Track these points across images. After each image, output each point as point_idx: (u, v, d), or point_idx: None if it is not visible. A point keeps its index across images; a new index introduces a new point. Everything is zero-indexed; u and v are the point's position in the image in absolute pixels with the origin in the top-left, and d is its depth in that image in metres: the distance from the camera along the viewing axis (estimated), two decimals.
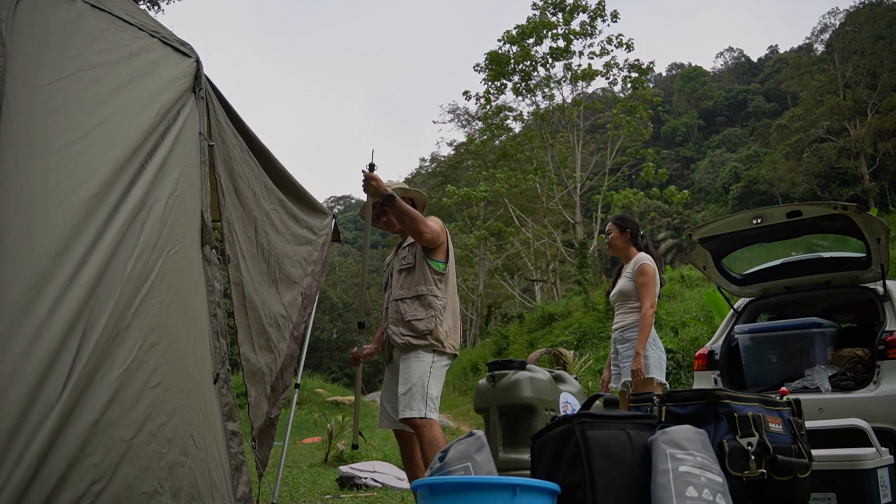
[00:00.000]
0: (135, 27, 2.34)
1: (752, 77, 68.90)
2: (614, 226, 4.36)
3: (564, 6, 20.56)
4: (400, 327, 3.29)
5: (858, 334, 4.63)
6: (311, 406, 15.56)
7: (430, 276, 3.36)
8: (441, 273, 3.40)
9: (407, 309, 3.31)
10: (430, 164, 37.25)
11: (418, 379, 3.18)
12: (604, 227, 23.20)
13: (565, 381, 4.21)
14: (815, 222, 4.34)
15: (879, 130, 32.48)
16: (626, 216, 4.47)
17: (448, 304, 3.38)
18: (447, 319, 3.34)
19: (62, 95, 1.99)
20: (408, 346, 3.25)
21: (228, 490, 2.35)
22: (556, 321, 17.58)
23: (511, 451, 3.81)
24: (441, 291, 3.36)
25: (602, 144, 24.21)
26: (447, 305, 3.37)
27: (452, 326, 3.38)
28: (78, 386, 1.76)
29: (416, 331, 3.25)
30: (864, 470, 2.77)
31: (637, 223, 4.40)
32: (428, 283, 3.35)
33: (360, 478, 5.75)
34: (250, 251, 3.27)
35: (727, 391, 2.39)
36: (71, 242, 1.85)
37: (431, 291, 3.33)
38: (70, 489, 1.70)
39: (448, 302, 3.38)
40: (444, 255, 3.43)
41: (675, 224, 41.58)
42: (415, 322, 3.26)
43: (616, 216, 4.52)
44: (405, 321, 3.28)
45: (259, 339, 3.35)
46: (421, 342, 3.24)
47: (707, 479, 2.03)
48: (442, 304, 3.33)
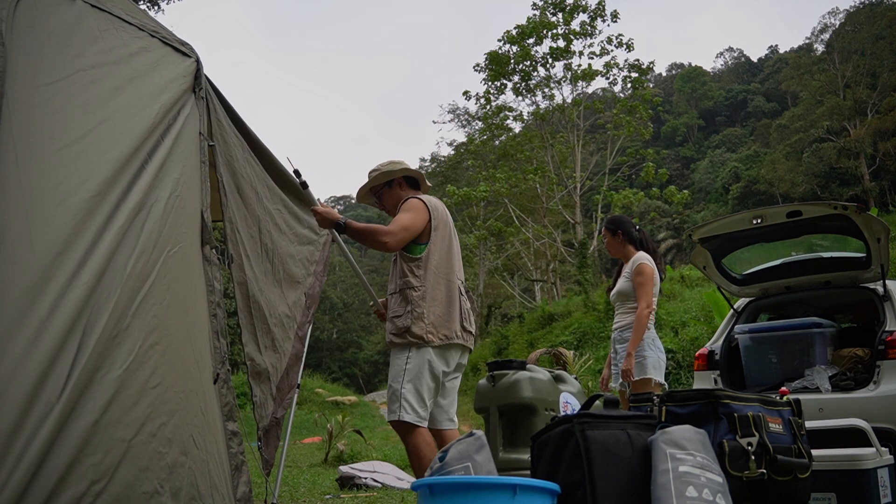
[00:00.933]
0: (135, 27, 2.34)
1: (752, 77, 68.89)
2: (606, 230, 4.40)
3: (564, 6, 20.56)
4: (388, 324, 3.16)
5: (858, 334, 4.64)
6: (311, 406, 15.57)
7: (405, 266, 3.13)
8: (416, 258, 3.13)
9: (392, 305, 3.17)
10: (430, 164, 37.20)
11: (393, 379, 3.05)
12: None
13: (565, 381, 4.21)
14: (815, 222, 4.34)
15: (879, 130, 32.49)
16: (617, 217, 4.48)
17: (428, 291, 3.08)
18: (430, 309, 3.06)
19: (62, 95, 1.99)
20: (392, 345, 3.11)
21: (228, 490, 2.35)
22: (556, 321, 17.59)
23: (511, 451, 3.82)
24: (418, 279, 3.09)
25: (602, 144, 24.21)
26: (427, 294, 3.07)
27: (442, 314, 3.08)
28: (78, 386, 1.76)
29: (396, 328, 3.07)
30: (864, 470, 2.77)
31: (629, 220, 4.41)
32: (404, 273, 3.13)
33: (360, 478, 5.75)
34: (254, 251, 3.26)
35: (727, 391, 2.39)
36: (71, 242, 1.85)
37: (408, 283, 3.10)
38: (70, 489, 1.70)
39: (428, 290, 3.09)
40: (427, 236, 3.16)
41: (675, 224, 41.58)
42: (395, 319, 3.10)
43: (607, 219, 4.53)
44: (391, 318, 3.14)
45: (264, 339, 3.34)
46: (399, 340, 3.06)
47: (707, 479, 2.03)
48: (419, 295, 3.06)
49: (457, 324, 3.13)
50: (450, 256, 3.23)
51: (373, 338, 41.76)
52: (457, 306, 3.16)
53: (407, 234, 3.09)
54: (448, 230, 3.27)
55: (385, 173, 3.36)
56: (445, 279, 3.16)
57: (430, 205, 3.21)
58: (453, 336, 3.09)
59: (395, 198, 3.36)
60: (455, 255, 3.28)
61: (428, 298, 3.08)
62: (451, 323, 3.11)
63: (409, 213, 3.14)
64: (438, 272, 3.14)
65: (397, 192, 3.37)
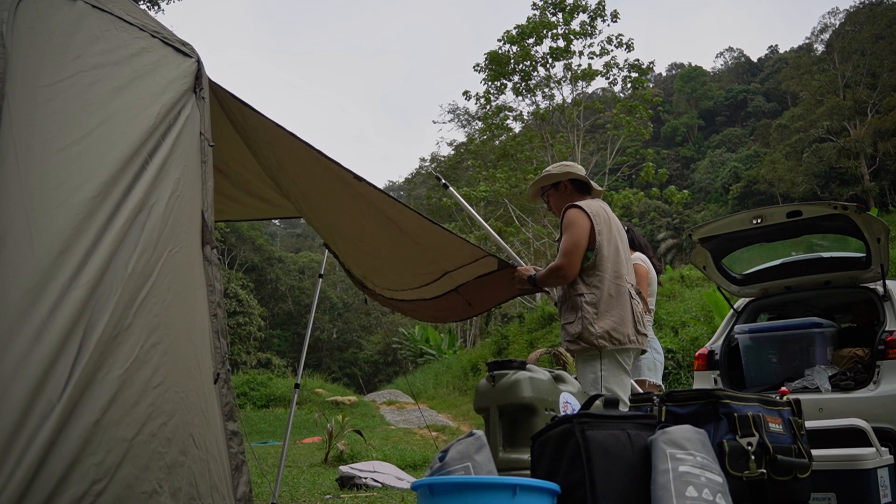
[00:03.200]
0: (136, 27, 2.34)
1: (752, 77, 68.87)
2: None
3: (564, 6, 20.56)
4: (562, 332, 3.18)
5: (858, 334, 4.64)
6: (311, 406, 15.56)
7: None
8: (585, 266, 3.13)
9: (563, 312, 3.19)
10: (430, 164, 37.23)
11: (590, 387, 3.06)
12: None
13: (565, 381, 4.21)
14: (815, 222, 4.35)
15: (879, 130, 32.48)
16: None
17: (598, 297, 3.06)
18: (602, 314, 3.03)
19: (63, 96, 1.99)
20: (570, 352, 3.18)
21: (228, 490, 2.35)
22: (556, 321, 17.57)
23: (511, 451, 3.81)
24: (587, 286, 3.09)
25: (602, 144, 24.20)
26: (597, 300, 3.05)
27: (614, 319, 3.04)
28: (79, 385, 1.76)
29: (570, 335, 3.09)
30: (864, 470, 2.77)
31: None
32: (574, 281, 3.14)
33: (360, 478, 5.75)
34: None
35: (727, 391, 2.39)
36: (72, 243, 1.86)
37: (577, 290, 3.11)
38: (71, 489, 1.70)
39: (599, 295, 3.06)
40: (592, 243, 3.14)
41: (675, 224, 41.56)
42: (567, 326, 3.12)
43: None
44: (563, 325, 3.16)
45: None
46: (575, 346, 3.07)
47: (707, 478, 2.03)
48: (589, 301, 3.05)
49: (630, 327, 3.09)
50: (618, 260, 3.18)
51: (373, 338, 41.75)
52: (629, 309, 3.11)
53: (575, 257, 3.12)
54: (613, 233, 3.22)
55: (548, 176, 3.41)
56: (615, 283, 3.12)
57: (589, 211, 3.18)
58: (626, 340, 3.06)
59: (560, 201, 3.40)
60: (623, 258, 3.23)
61: (599, 304, 3.06)
62: (625, 327, 3.07)
63: (568, 232, 3.15)
64: (608, 277, 3.11)
65: (564, 195, 3.40)
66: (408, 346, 27.45)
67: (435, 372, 20.75)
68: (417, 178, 41.57)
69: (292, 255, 47.99)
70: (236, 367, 14.59)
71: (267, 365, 30.17)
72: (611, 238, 3.18)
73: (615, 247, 3.18)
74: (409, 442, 10.83)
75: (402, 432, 12.14)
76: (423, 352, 25.70)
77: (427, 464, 6.50)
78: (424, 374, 21.69)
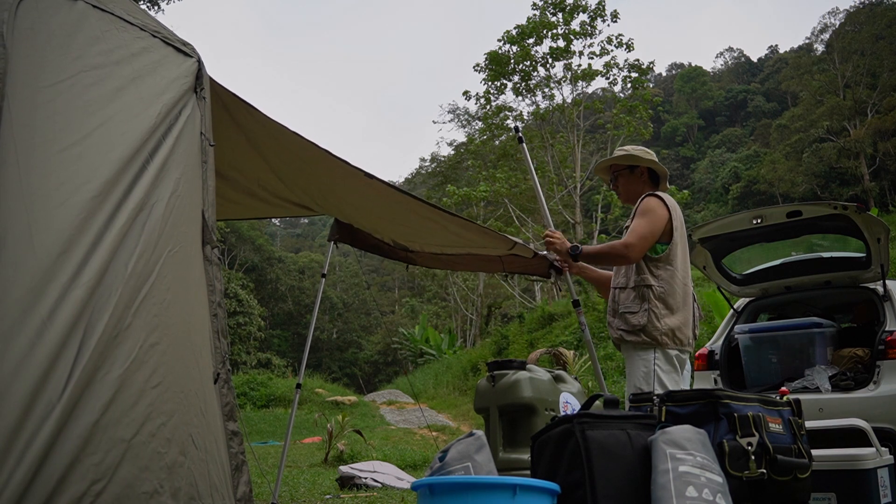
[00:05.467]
0: (136, 27, 2.34)
1: (752, 77, 68.86)
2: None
3: (564, 6, 20.57)
4: (616, 319, 3.05)
5: (858, 334, 4.64)
6: (311, 406, 15.56)
7: (644, 263, 3.03)
8: (656, 257, 3.02)
9: (624, 300, 3.05)
10: (430, 164, 37.24)
11: (641, 381, 2.93)
12: (604, 228, 23.15)
13: (565, 381, 4.22)
14: (815, 222, 4.35)
15: (879, 130, 32.47)
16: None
17: (667, 292, 2.98)
18: (669, 310, 2.96)
19: (64, 97, 1.99)
20: (622, 342, 3.02)
21: (228, 490, 2.35)
22: (556, 321, 17.59)
23: (511, 451, 3.82)
24: (657, 279, 2.99)
25: (602, 144, 24.20)
26: (666, 295, 2.97)
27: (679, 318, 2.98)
28: (79, 386, 1.76)
29: (629, 325, 2.97)
30: (864, 470, 2.78)
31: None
32: (642, 270, 3.02)
33: (360, 478, 5.76)
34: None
35: (727, 391, 2.39)
36: (72, 243, 1.86)
37: (645, 281, 2.99)
38: (71, 489, 1.70)
39: (667, 290, 2.98)
40: (668, 235, 3.05)
41: None
42: (628, 315, 2.99)
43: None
44: (622, 313, 3.02)
45: None
46: (631, 338, 2.96)
47: (707, 479, 2.03)
48: (658, 295, 2.97)
49: (690, 330, 3.05)
50: (686, 260, 3.14)
51: (373, 338, 41.75)
52: (691, 311, 3.08)
53: (647, 243, 3.01)
54: (684, 232, 3.16)
55: (631, 156, 3.27)
56: (683, 283, 3.07)
57: (669, 204, 3.11)
58: (686, 341, 3.02)
59: (632, 186, 3.28)
60: (688, 260, 3.18)
61: (668, 300, 2.99)
62: (686, 328, 3.03)
63: (646, 217, 3.03)
64: (678, 274, 3.06)
65: (637, 181, 3.27)
66: (408, 346, 27.46)
67: (435, 372, 20.75)
68: (417, 178, 41.54)
69: (292, 255, 48.01)
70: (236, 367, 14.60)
71: (267, 365, 30.18)
72: (683, 236, 3.13)
73: (685, 246, 3.14)
74: (409, 442, 10.83)
75: (402, 432, 12.14)
76: (423, 352, 25.71)
77: (427, 464, 6.50)
78: (424, 374, 21.69)
